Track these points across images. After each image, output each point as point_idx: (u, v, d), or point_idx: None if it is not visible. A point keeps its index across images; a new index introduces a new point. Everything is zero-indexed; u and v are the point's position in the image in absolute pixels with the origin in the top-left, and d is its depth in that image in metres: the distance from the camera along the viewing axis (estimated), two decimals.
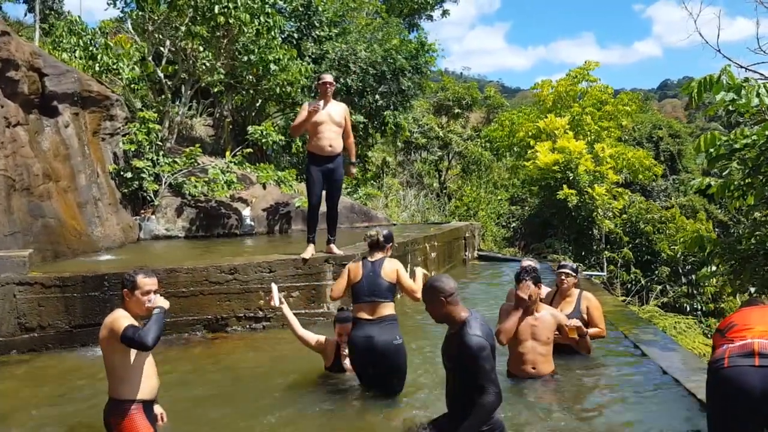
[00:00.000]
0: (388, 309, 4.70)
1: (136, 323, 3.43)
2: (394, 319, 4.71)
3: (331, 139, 6.65)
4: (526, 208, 22.88)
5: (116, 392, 3.49)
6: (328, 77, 6.69)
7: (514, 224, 22.58)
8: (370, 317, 4.65)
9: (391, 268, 4.79)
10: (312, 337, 5.15)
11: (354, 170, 7.08)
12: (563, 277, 5.52)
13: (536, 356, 4.81)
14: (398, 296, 5.09)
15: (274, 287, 4.94)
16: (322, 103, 6.58)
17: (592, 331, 5.35)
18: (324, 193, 6.97)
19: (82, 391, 5.00)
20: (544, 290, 6.17)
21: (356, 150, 7.34)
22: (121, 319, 3.44)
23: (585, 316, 5.41)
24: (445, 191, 23.72)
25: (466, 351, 3.31)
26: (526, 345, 4.82)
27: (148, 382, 3.53)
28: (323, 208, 7.04)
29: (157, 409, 3.75)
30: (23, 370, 5.65)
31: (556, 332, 4.88)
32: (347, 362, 5.01)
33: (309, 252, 7.01)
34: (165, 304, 3.52)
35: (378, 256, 4.89)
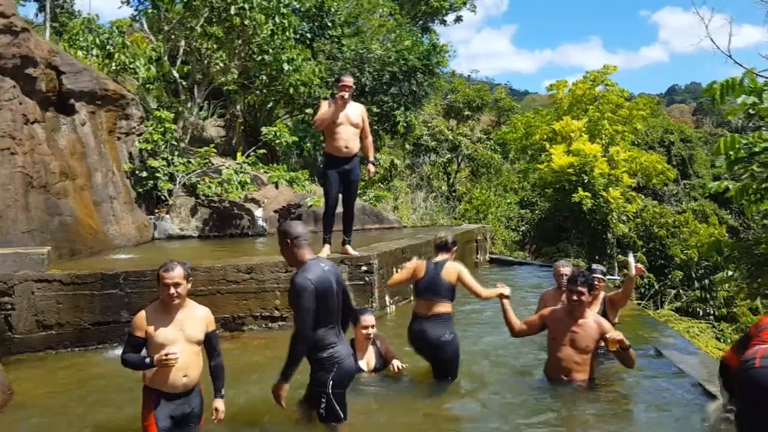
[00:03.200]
0: (443, 307, 4.97)
1: (142, 334, 3.66)
2: (447, 318, 4.98)
3: (348, 140, 6.62)
4: (536, 211, 22.79)
5: (143, 376, 3.75)
6: (348, 80, 6.61)
7: (523, 228, 22.49)
8: (426, 314, 4.98)
9: (452, 270, 5.02)
10: None
11: (373, 169, 7.03)
12: (596, 282, 5.44)
13: (571, 364, 4.69)
14: None
15: None
16: (347, 94, 6.52)
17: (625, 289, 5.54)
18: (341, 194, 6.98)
19: (99, 387, 4.99)
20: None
21: (362, 152, 7.30)
22: (135, 322, 3.72)
23: (609, 313, 5.41)
24: (454, 194, 23.65)
25: (290, 288, 3.68)
26: (563, 351, 4.71)
27: (167, 376, 3.63)
28: (339, 208, 7.03)
29: (216, 403, 3.83)
30: (41, 368, 5.64)
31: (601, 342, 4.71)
32: (363, 363, 5.04)
33: (325, 252, 6.96)
34: (156, 362, 3.60)
35: (442, 257, 5.15)
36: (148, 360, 3.60)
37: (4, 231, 6.59)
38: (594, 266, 5.72)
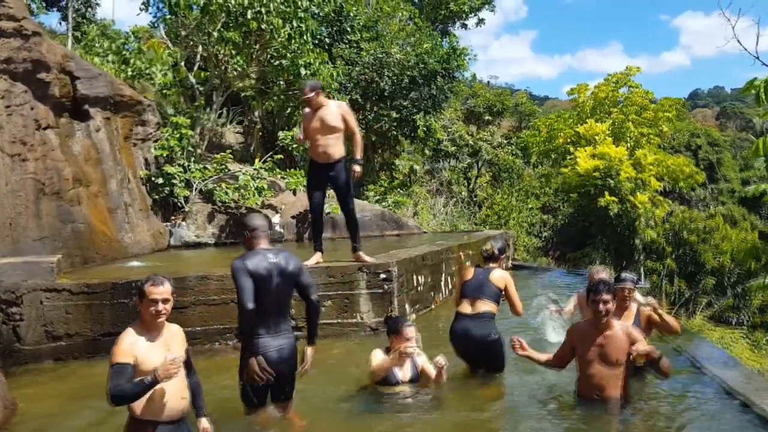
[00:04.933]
0: (488, 306, 5.07)
1: (130, 360, 3.17)
2: (491, 317, 5.08)
3: (327, 146, 6.39)
4: (559, 217, 22.32)
5: (130, 407, 3.28)
6: (306, 89, 6.35)
7: (546, 233, 22.06)
8: (470, 312, 5.08)
9: (500, 276, 5.21)
10: (386, 365, 4.77)
11: (358, 169, 6.66)
12: (626, 293, 5.06)
13: (603, 380, 4.31)
14: None
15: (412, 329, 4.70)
16: (308, 110, 6.41)
17: (670, 320, 5.11)
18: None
19: (106, 402, 4.78)
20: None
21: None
22: (117, 347, 3.22)
23: (644, 327, 5.03)
24: (474, 200, 23.32)
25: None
26: (593, 367, 4.33)
27: (165, 403, 3.25)
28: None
29: (202, 423, 3.54)
30: (49, 380, 5.48)
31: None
32: (399, 373, 4.79)
33: (313, 260, 6.70)
34: (165, 375, 3.14)
35: (490, 265, 5.33)
36: (149, 379, 3.11)
37: (15, 239, 6.45)
38: (623, 274, 5.29)
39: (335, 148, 6.45)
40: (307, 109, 6.44)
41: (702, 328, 9.47)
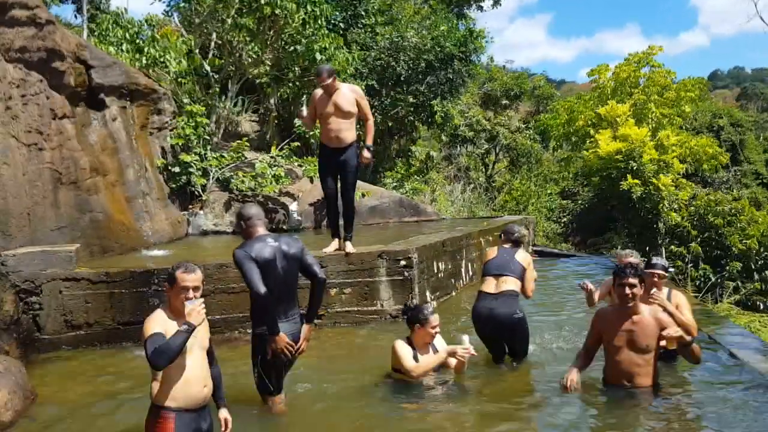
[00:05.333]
0: (512, 284, 4.98)
1: (163, 331, 3.13)
2: (515, 295, 4.99)
3: (339, 130, 6.28)
4: (579, 201, 22.06)
5: (152, 395, 3.26)
6: (323, 75, 6.17)
7: (565, 219, 21.84)
8: (493, 291, 5.00)
9: (525, 256, 5.21)
10: (432, 364, 4.66)
11: (367, 155, 6.54)
12: (655, 278, 4.85)
13: (632, 367, 4.18)
14: None
15: (466, 339, 4.67)
16: (321, 93, 6.27)
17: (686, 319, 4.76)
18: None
19: (126, 391, 4.76)
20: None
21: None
22: (149, 323, 3.21)
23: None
24: (493, 185, 23.13)
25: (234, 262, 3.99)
26: (622, 354, 4.19)
27: (187, 390, 3.21)
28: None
29: (222, 413, 3.50)
30: (68, 370, 5.45)
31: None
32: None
33: (332, 247, 6.69)
34: (196, 319, 3.15)
35: (514, 247, 5.30)
36: (184, 328, 3.09)
37: (33, 229, 6.42)
38: (654, 260, 5.13)
39: (348, 132, 6.34)
40: (319, 91, 6.30)
41: (730, 313, 9.25)
